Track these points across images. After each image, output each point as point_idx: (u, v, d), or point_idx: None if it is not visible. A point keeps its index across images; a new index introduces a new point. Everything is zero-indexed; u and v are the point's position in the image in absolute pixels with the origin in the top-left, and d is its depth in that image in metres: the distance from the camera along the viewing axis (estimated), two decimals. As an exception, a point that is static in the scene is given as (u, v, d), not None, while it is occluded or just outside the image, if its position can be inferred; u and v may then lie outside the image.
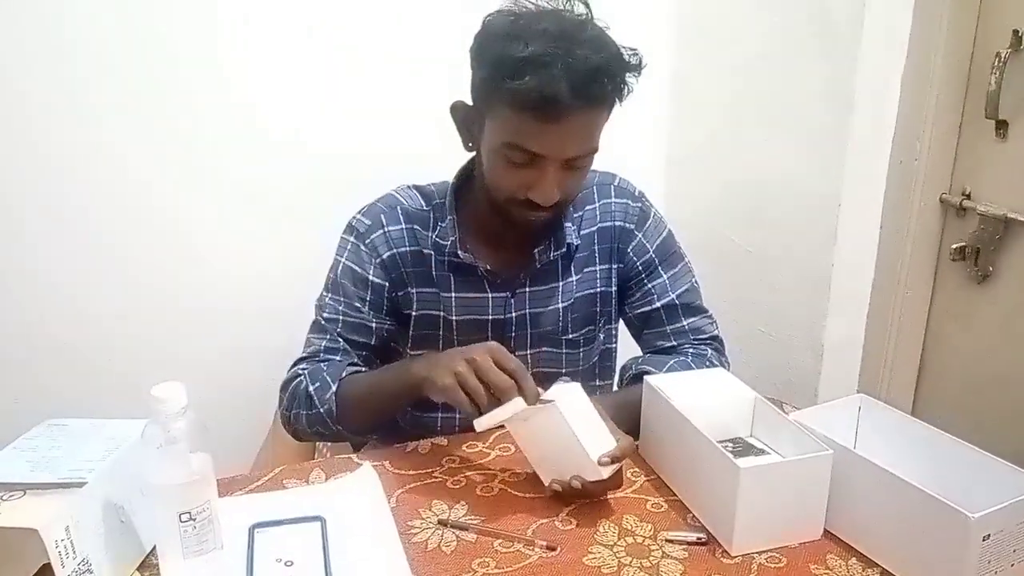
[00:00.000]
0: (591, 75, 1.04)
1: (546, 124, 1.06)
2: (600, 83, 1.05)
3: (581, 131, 1.09)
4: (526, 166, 1.11)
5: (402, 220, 1.27)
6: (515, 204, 1.15)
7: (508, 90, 1.05)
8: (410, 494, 1.08)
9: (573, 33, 1.05)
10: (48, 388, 1.70)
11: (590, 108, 1.07)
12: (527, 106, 1.05)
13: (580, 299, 1.31)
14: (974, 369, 1.78)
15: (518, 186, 1.13)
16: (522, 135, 1.08)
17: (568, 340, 1.33)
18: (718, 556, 0.96)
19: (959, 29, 1.66)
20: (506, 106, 1.07)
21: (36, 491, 0.83)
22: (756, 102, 1.89)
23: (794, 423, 1.04)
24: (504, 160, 1.12)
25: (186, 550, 0.88)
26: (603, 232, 1.31)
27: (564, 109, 1.04)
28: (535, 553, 0.96)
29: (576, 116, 1.06)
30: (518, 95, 1.04)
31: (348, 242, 1.28)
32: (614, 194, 1.33)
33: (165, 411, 0.85)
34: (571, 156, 1.11)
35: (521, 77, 1.03)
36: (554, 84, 1.02)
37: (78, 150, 1.64)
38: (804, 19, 1.73)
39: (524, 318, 1.29)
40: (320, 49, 1.75)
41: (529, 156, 1.09)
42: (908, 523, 0.90)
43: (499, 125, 1.11)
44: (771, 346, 1.94)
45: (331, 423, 1.21)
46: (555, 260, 1.27)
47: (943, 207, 1.78)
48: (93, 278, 1.72)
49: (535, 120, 1.06)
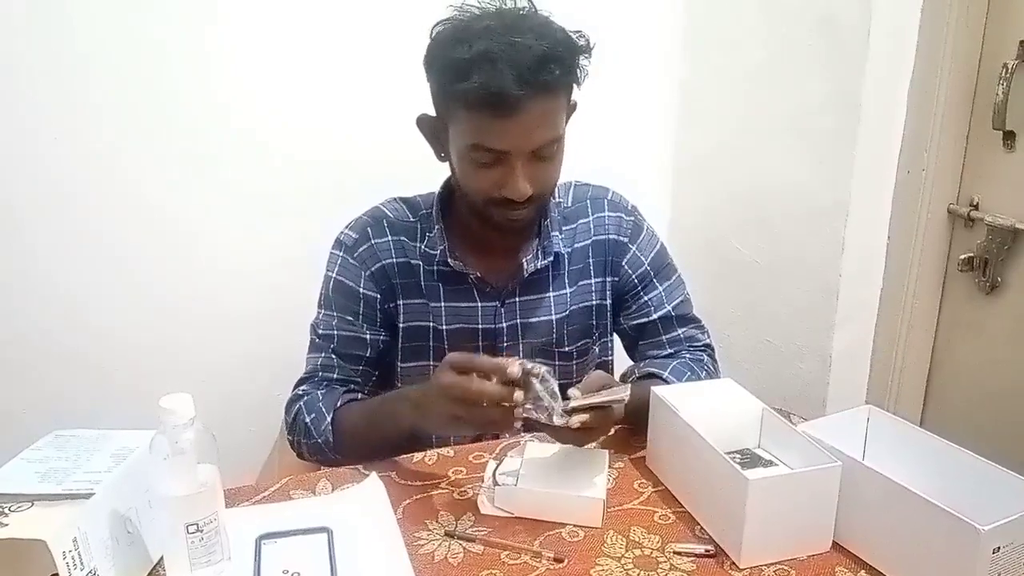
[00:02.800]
0: (537, 63, 1.05)
1: (502, 120, 1.07)
2: (547, 70, 1.06)
3: (539, 120, 1.10)
4: (494, 165, 1.12)
5: (388, 232, 1.28)
6: (493, 205, 1.16)
7: (459, 93, 1.07)
8: (416, 505, 1.08)
9: (514, 25, 1.07)
10: (56, 398, 1.70)
11: (543, 96, 1.08)
12: (480, 105, 1.06)
13: (575, 312, 1.32)
14: (982, 380, 1.77)
15: (490, 185, 1.13)
16: (482, 134, 1.10)
17: (563, 352, 1.33)
18: (726, 568, 0.96)
19: (966, 39, 1.66)
20: (461, 109, 1.09)
21: (44, 502, 0.83)
22: (763, 111, 1.89)
23: (802, 434, 1.03)
24: (471, 163, 1.13)
25: (193, 561, 0.88)
26: (597, 245, 1.32)
27: (516, 101, 1.05)
28: (542, 565, 0.96)
29: (530, 107, 1.06)
30: (469, 96, 1.06)
31: (338, 257, 1.29)
32: (607, 208, 1.33)
33: (173, 422, 0.85)
34: (535, 147, 1.11)
35: (469, 78, 1.05)
36: (500, 78, 1.03)
37: (87, 160, 1.64)
38: (811, 28, 1.73)
39: (515, 328, 1.29)
40: (327, 55, 1.75)
41: (494, 155, 1.10)
42: (917, 535, 0.89)
43: (460, 129, 1.12)
44: (778, 356, 1.94)
45: (329, 452, 1.22)
46: (544, 269, 1.28)
47: (951, 217, 1.78)
48: (101, 288, 1.72)
49: (491, 117, 1.07)
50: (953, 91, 1.69)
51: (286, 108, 1.76)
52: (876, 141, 1.70)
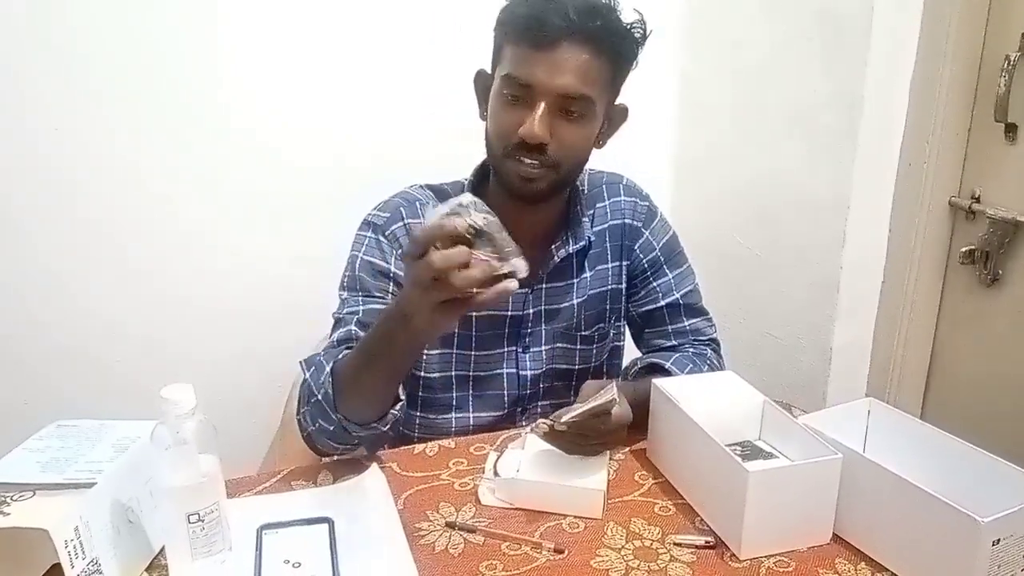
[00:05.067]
0: (585, 8, 1.09)
1: (539, 51, 1.09)
2: (592, 17, 1.09)
3: (571, 65, 1.10)
4: (519, 104, 1.12)
5: (421, 214, 1.25)
6: (510, 158, 1.14)
7: (507, 22, 1.12)
8: (417, 496, 1.08)
9: None
10: (57, 390, 1.70)
11: (580, 42, 1.10)
12: (521, 34, 1.10)
13: (593, 296, 1.32)
14: (983, 372, 1.77)
15: (511, 125, 1.13)
16: (515, 64, 1.12)
17: (583, 336, 1.33)
18: (726, 560, 0.96)
19: (968, 32, 1.65)
20: (508, 42, 1.13)
21: (46, 491, 0.84)
22: (764, 105, 1.89)
23: (803, 427, 1.03)
24: (500, 100, 1.14)
25: (195, 551, 0.88)
26: (613, 229, 1.32)
27: (555, 35, 1.08)
28: (543, 556, 0.96)
29: (565, 47, 1.09)
30: (515, 24, 1.11)
31: (365, 237, 1.25)
32: (623, 192, 1.34)
33: (175, 412, 0.85)
34: (561, 90, 1.10)
35: (521, 8, 1.11)
36: (551, 11, 1.08)
37: (87, 154, 1.64)
38: (812, 22, 1.73)
39: (540, 314, 1.29)
40: (326, 54, 1.75)
41: (522, 89, 1.11)
42: (918, 527, 0.89)
43: (501, 64, 1.15)
44: (779, 349, 1.94)
45: (331, 411, 1.09)
46: (571, 256, 1.28)
47: (952, 210, 1.77)
48: (101, 280, 1.72)
49: (530, 47, 1.10)
50: (955, 83, 1.68)
51: (287, 105, 1.76)
52: (877, 133, 1.69)
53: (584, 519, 1.03)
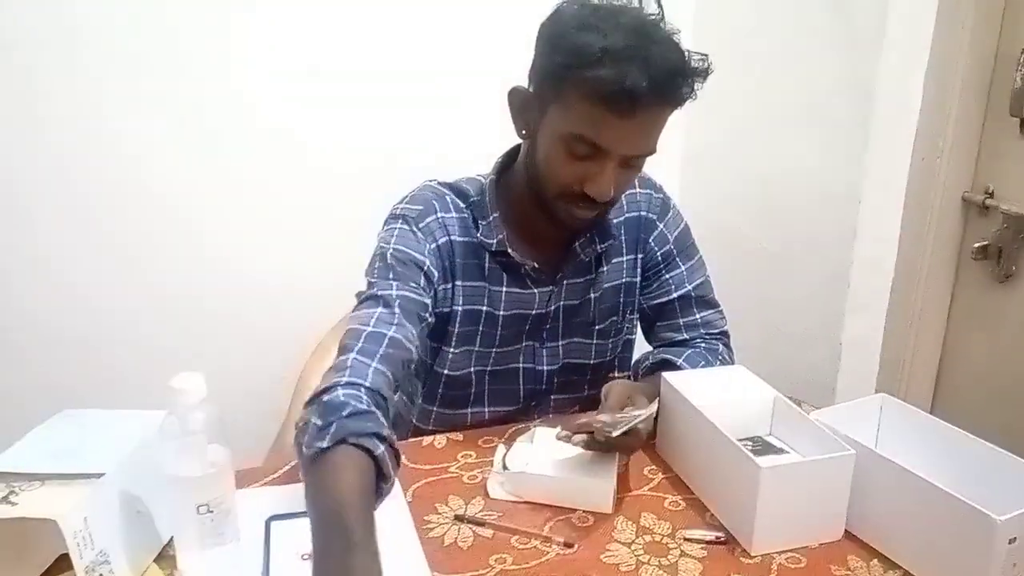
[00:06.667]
0: (669, 73, 1.03)
1: (619, 118, 1.03)
2: (675, 82, 1.04)
3: (650, 128, 1.08)
4: (587, 159, 1.08)
5: (452, 209, 1.22)
6: (566, 197, 1.12)
7: (586, 80, 1.02)
8: (426, 489, 1.08)
9: (650, 31, 1.04)
10: (65, 381, 1.70)
11: (663, 106, 1.06)
12: (603, 98, 1.02)
13: (608, 290, 1.31)
14: (994, 369, 1.76)
15: (575, 178, 1.10)
16: (591, 127, 1.06)
17: (598, 331, 1.32)
18: (737, 555, 0.95)
19: (983, 25, 1.63)
20: (580, 96, 1.04)
21: (54, 481, 0.83)
22: (776, 97, 1.87)
23: (815, 422, 1.02)
24: (565, 150, 1.09)
25: (203, 541, 0.88)
26: (629, 222, 1.31)
27: (640, 104, 1.02)
28: (552, 550, 0.96)
29: (648, 113, 1.05)
30: (597, 85, 1.01)
31: (395, 228, 1.19)
32: (638, 184, 1.32)
33: (184, 402, 0.85)
34: (635, 153, 1.10)
35: (598, 68, 1.01)
36: (635, 78, 1.00)
37: (95, 149, 1.64)
38: (825, 13, 1.71)
39: (559, 310, 1.28)
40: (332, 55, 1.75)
41: (593, 149, 1.07)
42: (931, 525, 0.89)
43: (567, 114, 1.07)
44: (789, 344, 1.93)
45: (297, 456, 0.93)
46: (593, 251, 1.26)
47: (965, 205, 1.76)
48: (109, 272, 1.72)
49: (609, 112, 1.03)
50: (969, 77, 1.66)
51: (295, 102, 1.76)
52: (890, 127, 1.68)
53: (594, 513, 1.03)
